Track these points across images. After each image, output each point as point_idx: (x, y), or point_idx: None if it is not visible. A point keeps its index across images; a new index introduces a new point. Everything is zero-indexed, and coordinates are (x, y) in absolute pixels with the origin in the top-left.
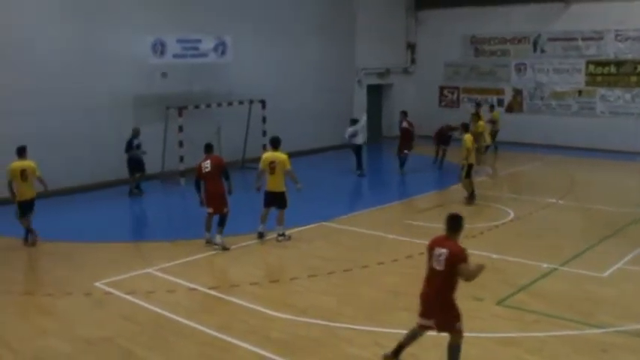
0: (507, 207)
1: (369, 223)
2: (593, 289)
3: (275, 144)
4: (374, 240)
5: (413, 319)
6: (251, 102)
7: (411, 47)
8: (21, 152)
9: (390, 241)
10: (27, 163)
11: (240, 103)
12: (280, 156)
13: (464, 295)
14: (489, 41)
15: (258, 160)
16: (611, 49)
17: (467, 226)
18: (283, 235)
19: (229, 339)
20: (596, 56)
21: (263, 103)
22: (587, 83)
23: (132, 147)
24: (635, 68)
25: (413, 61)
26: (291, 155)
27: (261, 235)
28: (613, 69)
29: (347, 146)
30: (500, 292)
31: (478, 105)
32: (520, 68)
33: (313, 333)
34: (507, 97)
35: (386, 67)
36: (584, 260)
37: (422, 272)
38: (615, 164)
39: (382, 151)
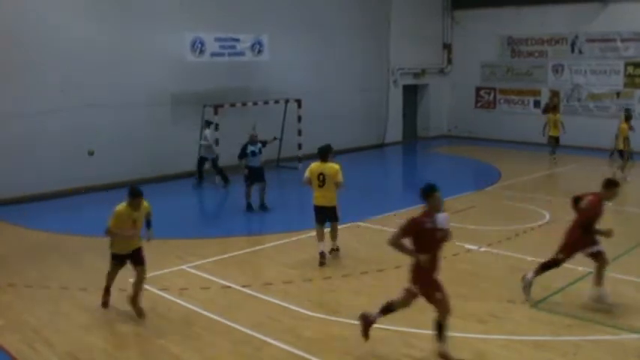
0: (543, 209)
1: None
2: (630, 293)
3: (324, 154)
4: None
5: None
6: (287, 101)
7: (447, 47)
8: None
9: None
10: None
11: (276, 102)
12: (332, 167)
13: (497, 297)
14: (526, 42)
15: (293, 159)
16: None
17: (502, 228)
18: (337, 249)
19: (262, 337)
20: (635, 57)
21: (299, 102)
22: (626, 85)
23: (246, 154)
24: None
25: (449, 61)
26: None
27: (323, 256)
28: None
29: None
30: (534, 295)
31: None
32: (557, 69)
33: (345, 332)
34: (544, 99)
35: (422, 67)
36: (622, 264)
37: (456, 274)
38: None
39: (417, 151)
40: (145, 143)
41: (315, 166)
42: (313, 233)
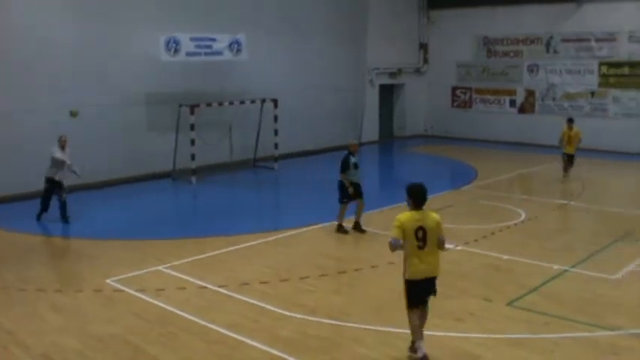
0: (519, 208)
1: (381, 222)
2: (604, 291)
3: (423, 199)
4: (385, 240)
5: None
6: (263, 101)
7: (423, 47)
8: None
9: None
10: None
11: (252, 102)
12: (434, 218)
13: (474, 296)
14: (502, 42)
15: (269, 158)
16: (625, 51)
17: (478, 226)
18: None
19: (239, 337)
20: (609, 57)
21: (275, 102)
22: (600, 84)
23: (349, 166)
24: None
25: (425, 61)
26: (302, 154)
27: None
28: (626, 70)
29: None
30: (510, 293)
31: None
32: (532, 69)
33: (323, 332)
34: (519, 98)
35: (398, 66)
36: (596, 262)
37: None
38: (628, 165)
39: (393, 150)
40: (120, 143)
41: (408, 215)
42: (290, 232)
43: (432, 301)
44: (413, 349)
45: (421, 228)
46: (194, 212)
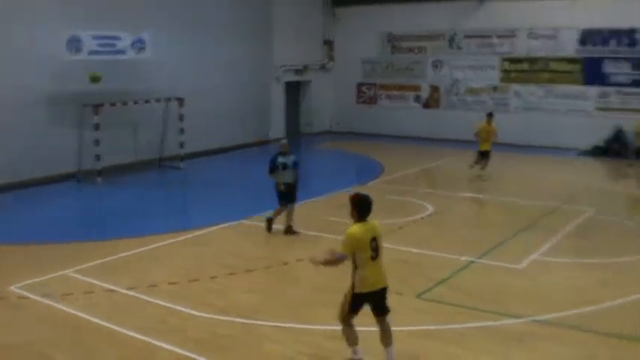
0: (425, 202)
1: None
2: (509, 280)
3: (367, 209)
4: (294, 237)
5: (334, 315)
6: (168, 100)
7: (329, 44)
8: None
9: (310, 238)
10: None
11: (157, 101)
12: (378, 226)
13: None
14: (406, 38)
15: (175, 158)
16: (524, 47)
17: (386, 221)
18: None
19: (149, 340)
20: (510, 53)
21: (181, 101)
22: (502, 80)
23: (276, 166)
24: (547, 65)
25: (330, 57)
26: (209, 153)
27: None
28: (526, 66)
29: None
30: (419, 286)
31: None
32: (436, 65)
33: (233, 331)
34: (424, 94)
35: (303, 63)
36: (501, 252)
37: (342, 268)
38: (529, 158)
39: (300, 147)
40: (23, 145)
41: (361, 228)
42: (199, 232)
43: (341, 295)
44: None
45: (374, 239)
46: (100, 214)
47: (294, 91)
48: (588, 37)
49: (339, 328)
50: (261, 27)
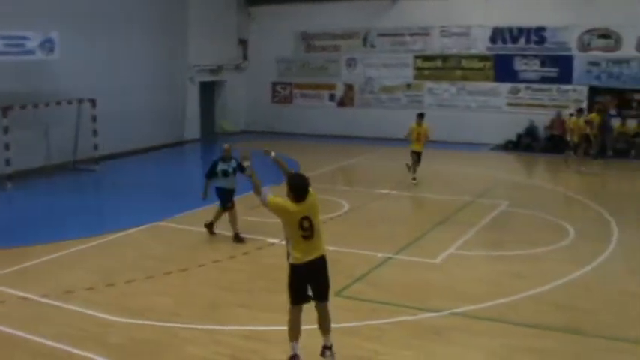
0: (341, 199)
1: (205, 221)
2: (426, 275)
3: (302, 192)
4: (210, 238)
5: (252, 316)
6: (80, 101)
7: (243, 43)
8: None
9: (227, 239)
10: None
11: (69, 102)
12: (314, 204)
13: None
14: (320, 37)
15: (89, 161)
16: (437, 45)
17: None
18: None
19: (65, 347)
20: (422, 51)
21: (93, 102)
22: (416, 77)
23: (215, 172)
24: (460, 62)
25: (245, 57)
26: (124, 155)
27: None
28: (439, 63)
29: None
30: (338, 284)
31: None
32: (351, 63)
33: (152, 335)
34: (339, 92)
35: (218, 63)
36: (418, 248)
37: (261, 267)
38: (443, 154)
39: (215, 148)
40: None
41: (288, 202)
42: (114, 236)
43: (261, 295)
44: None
45: (307, 218)
46: (12, 220)
47: (208, 91)
48: (499, 34)
49: (257, 328)
50: (175, 26)
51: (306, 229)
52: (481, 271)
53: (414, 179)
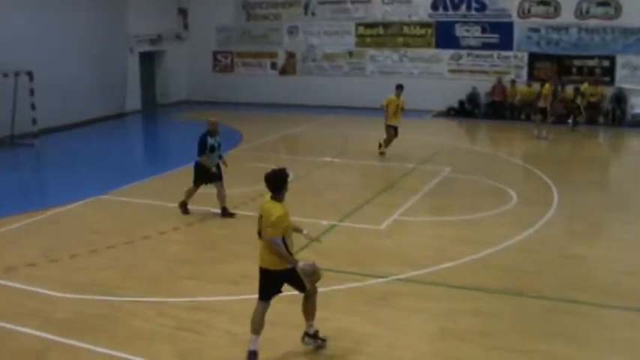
0: (286, 168)
1: (149, 192)
2: (372, 241)
3: (268, 185)
4: (155, 210)
5: (198, 287)
6: (17, 74)
7: (183, 12)
8: None
9: (171, 210)
10: None
11: (5, 75)
12: (267, 207)
13: (248, 258)
14: (261, 5)
15: (28, 135)
16: (379, 12)
17: (248, 189)
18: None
19: (9, 326)
20: (364, 19)
21: (30, 74)
22: (357, 44)
23: (206, 148)
24: (402, 29)
25: (185, 26)
26: (64, 128)
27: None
28: (381, 30)
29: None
30: None
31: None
32: (292, 31)
33: (98, 309)
34: (280, 61)
35: (158, 33)
36: (362, 214)
37: (208, 238)
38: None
39: (157, 118)
40: None
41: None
42: (56, 210)
43: (206, 267)
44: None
45: (261, 217)
46: None
47: (149, 61)
48: (440, 1)
49: (202, 299)
50: None
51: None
52: (426, 237)
53: (383, 153)
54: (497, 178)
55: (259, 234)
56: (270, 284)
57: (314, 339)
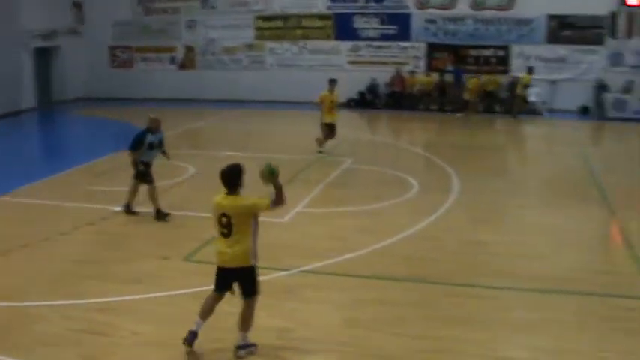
0: (187, 163)
1: (47, 193)
2: (276, 234)
3: (224, 181)
4: (54, 210)
5: (102, 288)
6: None
7: (78, 6)
8: None
9: (70, 210)
10: None
11: None
12: (242, 204)
13: (152, 256)
14: None
15: None
16: (277, 5)
17: (146, 186)
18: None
19: None
20: (263, 11)
21: None
22: (257, 37)
23: (143, 144)
24: (301, 22)
25: (81, 21)
26: None
27: (191, 339)
28: (280, 23)
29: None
30: (186, 248)
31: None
32: (191, 25)
33: (0, 317)
34: (180, 55)
35: (52, 28)
36: None
37: (109, 237)
38: (286, 114)
39: (54, 116)
40: None
41: (215, 199)
42: None
43: (111, 266)
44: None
45: (225, 215)
46: None
47: (44, 57)
48: None
49: (109, 299)
50: None
51: (224, 226)
52: (329, 228)
53: (321, 151)
54: (399, 167)
55: (224, 234)
56: (224, 279)
57: (246, 347)
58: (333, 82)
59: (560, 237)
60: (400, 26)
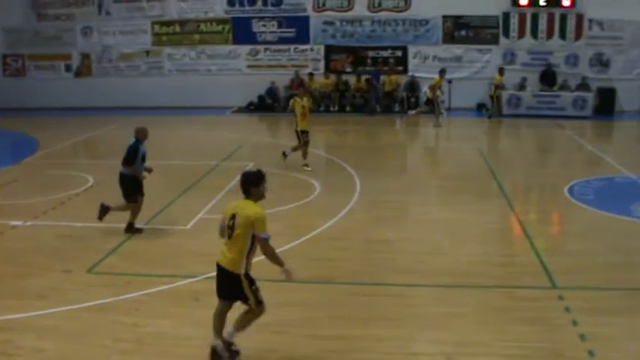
0: (86, 173)
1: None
2: (179, 242)
3: (241, 185)
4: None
5: (2, 305)
6: None
7: None
8: None
9: None
10: None
11: None
12: (246, 213)
13: (53, 270)
14: (52, 5)
15: None
16: (175, 10)
17: (47, 198)
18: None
19: None
20: (160, 17)
21: None
22: (154, 43)
23: (137, 157)
24: (198, 27)
25: None
26: None
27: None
28: (177, 28)
29: None
30: (88, 260)
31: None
32: (86, 32)
33: None
34: (75, 62)
35: None
36: (168, 215)
37: (6, 253)
38: (185, 120)
39: None
40: None
41: (229, 204)
42: None
43: (10, 282)
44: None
45: (233, 217)
46: None
47: None
48: None
49: (9, 317)
50: None
51: (229, 228)
52: None
53: (307, 165)
54: (300, 170)
55: (228, 235)
56: (219, 279)
57: (230, 352)
58: (302, 87)
59: (461, 232)
60: (298, 29)
